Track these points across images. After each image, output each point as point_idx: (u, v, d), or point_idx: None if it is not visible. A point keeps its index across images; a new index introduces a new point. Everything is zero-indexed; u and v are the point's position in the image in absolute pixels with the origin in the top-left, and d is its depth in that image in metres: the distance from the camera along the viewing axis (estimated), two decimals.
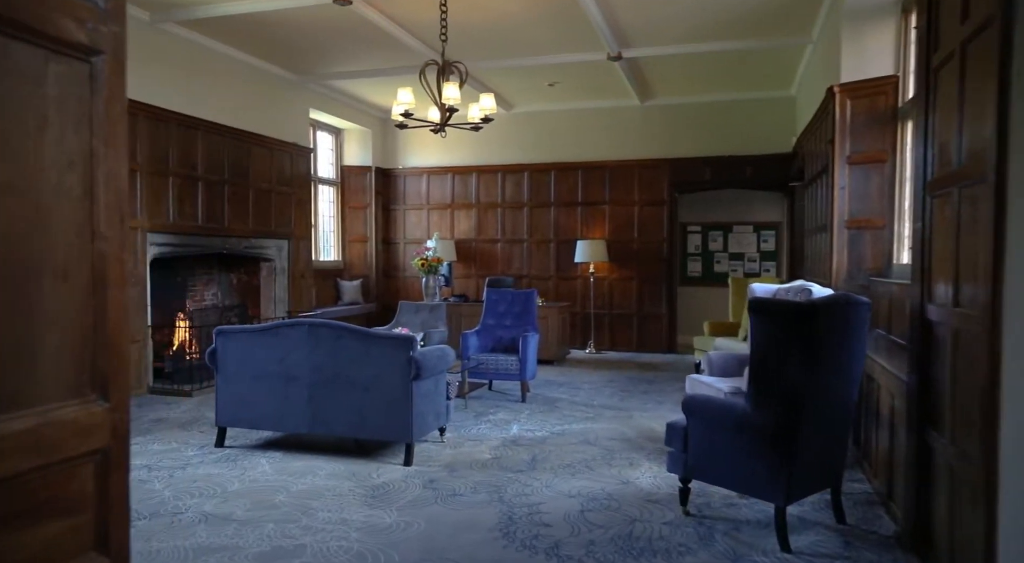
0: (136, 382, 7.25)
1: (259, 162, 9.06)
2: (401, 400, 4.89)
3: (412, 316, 8.20)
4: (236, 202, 8.67)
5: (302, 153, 9.95)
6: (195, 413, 6.48)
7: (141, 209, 7.29)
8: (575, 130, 11.34)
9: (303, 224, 9.99)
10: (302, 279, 9.97)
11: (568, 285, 11.37)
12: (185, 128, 7.85)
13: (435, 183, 12.02)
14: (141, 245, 7.29)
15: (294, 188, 9.76)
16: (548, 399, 7.27)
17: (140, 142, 7.26)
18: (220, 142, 8.37)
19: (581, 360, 10.17)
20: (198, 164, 8.05)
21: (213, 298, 9.61)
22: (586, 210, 11.29)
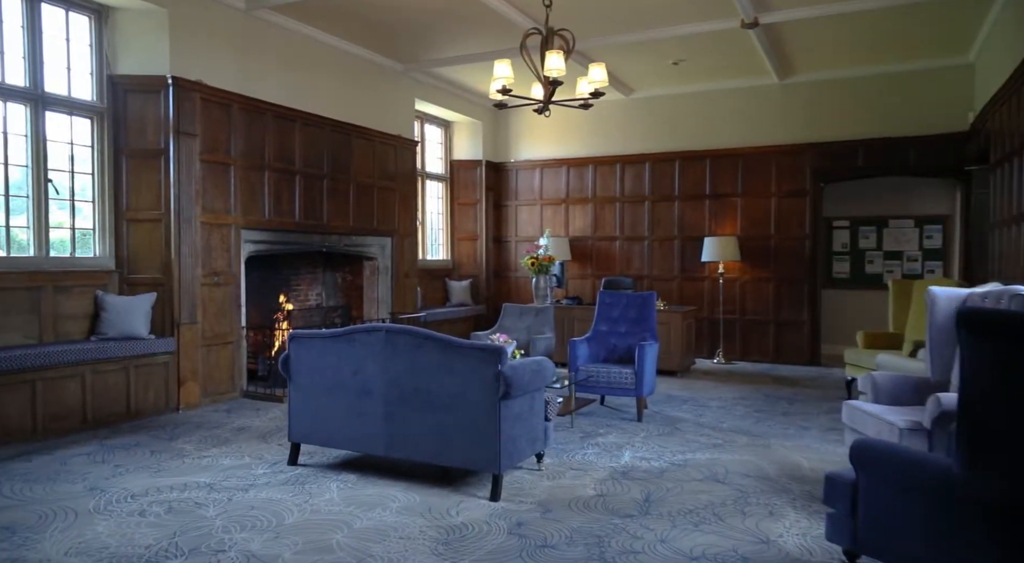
0: (229, 385, 6.94)
1: (361, 156, 8.63)
2: (487, 423, 4.12)
3: (516, 320, 7.45)
4: (336, 198, 8.26)
5: (407, 146, 9.46)
6: (281, 422, 6.02)
7: (235, 205, 6.98)
8: (703, 115, 10.18)
9: (408, 221, 9.50)
10: (406, 279, 9.47)
11: (694, 287, 10.23)
12: (282, 120, 7.50)
13: (549, 177, 11.24)
14: (235, 242, 6.97)
15: (398, 183, 9.28)
16: (668, 419, 6.28)
17: (235, 135, 6.95)
18: (319, 135, 7.99)
19: (708, 372, 9.03)
20: (296, 158, 7.69)
21: (317, 298, 9.30)
22: (715, 203, 10.11)
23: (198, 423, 6.00)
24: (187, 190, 6.46)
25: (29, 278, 5.71)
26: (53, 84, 5.99)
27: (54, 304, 5.87)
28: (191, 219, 6.51)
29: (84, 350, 5.65)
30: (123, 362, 5.96)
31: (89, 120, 6.25)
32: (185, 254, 6.45)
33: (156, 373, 6.26)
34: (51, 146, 5.98)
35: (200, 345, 6.62)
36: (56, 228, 6.06)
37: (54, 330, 5.89)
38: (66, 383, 5.57)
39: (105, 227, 6.34)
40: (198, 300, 6.59)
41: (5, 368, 5.15)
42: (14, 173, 5.76)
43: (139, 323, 6.15)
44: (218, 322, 6.82)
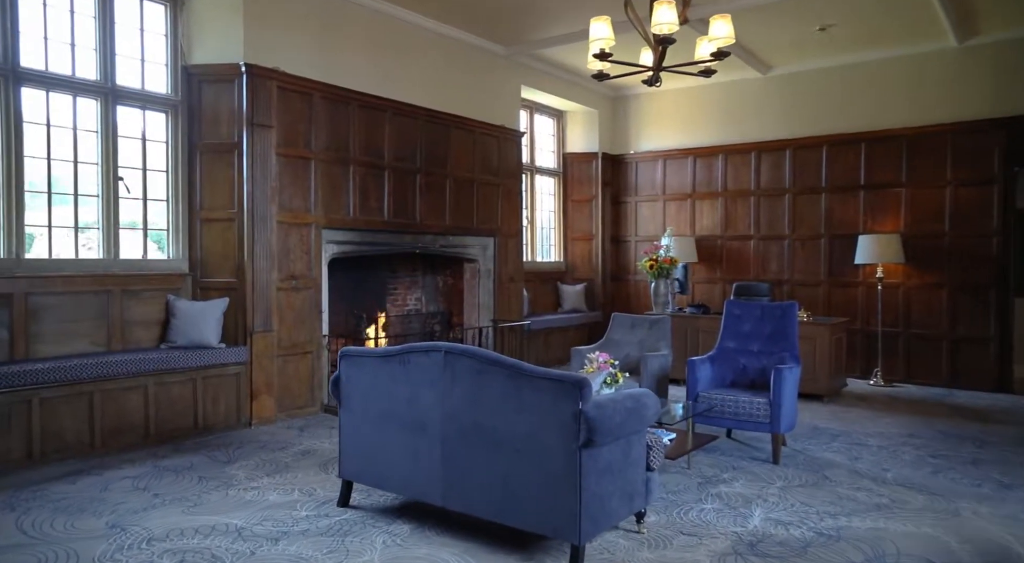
0: (307, 398, 6.38)
1: (459, 148, 7.89)
2: (564, 476, 3.16)
3: (626, 333, 6.39)
4: (431, 194, 7.56)
5: (511, 137, 8.62)
6: None
7: (316, 203, 6.41)
8: (856, 91, 8.62)
9: (513, 219, 8.66)
10: (511, 283, 8.64)
11: (845, 294, 8.69)
12: (370, 109, 6.87)
13: (673, 169, 10.03)
14: (315, 243, 6.41)
15: (502, 178, 8.46)
16: (813, 462, 5.02)
17: (316, 126, 6.38)
18: (411, 125, 7.31)
19: (863, 397, 7.52)
20: (385, 151, 7.04)
21: (416, 303, 8.68)
22: (872, 195, 8.53)
23: (264, 442, 5.44)
24: (262, 187, 5.95)
25: (98, 281, 5.37)
26: (125, 77, 5.65)
27: (123, 309, 5.52)
28: (266, 218, 5.99)
29: (146, 360, 5.23)
30: (190, 373, 5.51)
31: (163, 114, 5.87)
32: (259, 256, 5.94)
33: (226, 385, 5.78)
34: (122, 142, 5.64)
35: (276, 355, 6.09)
36: (127, 229, 5.71)
37: (123, 337, 5.53)
38: (127, 395, 5.17)
39: (178, 227, 5.95)
40: (273, 306, 6.07)
41: (60, 379, 4.78)
42: (84, 171, 5.44)
43: (209, 331, 5.69)
44: (296, 330, 6.27)
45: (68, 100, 5.32)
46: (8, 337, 4.95)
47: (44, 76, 5.17)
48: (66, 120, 5.33)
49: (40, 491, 4.25)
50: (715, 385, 5.49)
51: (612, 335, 6.42)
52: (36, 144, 5.18)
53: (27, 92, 5.10)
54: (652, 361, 5.73)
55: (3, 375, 4.54)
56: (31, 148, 5.15)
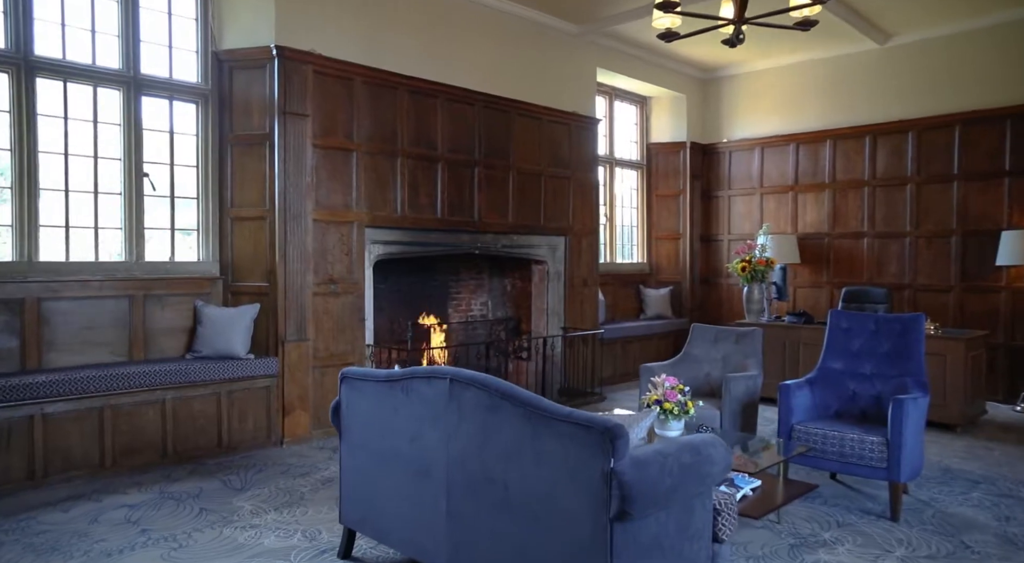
0: None
1: (524, 138, 7.12)
2: (590, 550, 2.34)
3: (709, 348, 5.42)
4: (491, 189, 6.84)
5: (585, 125, 7.77)
6: None
7: (358, 199, 5.82)
8: (1001, 58, 7.22)
9: (586, 216, 7.81)
10: (584, 287, 7.79)
11: (983, 302, 7.31)
12: (420, 95, 6.22)
13: (772, 158, 8.87)
14: (357, 243, 5.82)
15: (574, 170, 7.63)
16: (946, 520, 3.93)
17: (358, 114, 5.79)
18: (468, 113, 6.61)
19: (1008, 427, 6.20)
20: (438, 141, 6.38)
21: (481, 309, 7.99)
22: (1019, 183, 7.11)
23: (289, 465, 4.87)
24: (296, 181, 5.40)
25: (118, 286, 4.98)
26: (151, 65, 5.24)
27: (146, 316, 5.11)
28: (301, 216, 5.44)
29: (162, 371, 4.78)
30: (213, 386, 5.03)
31: (193, 104, 5.44)
32: (292, 258, 5.40)
33: (255, 400, 5.27)
34: (148, 135, 5.23)
35: (311, 367, 5.53)
36: (152, 229, 5.30)
37: (146, 347, 5.12)
38: (142, 410, 4.73)
39: (208, 227, 5.50)
40: (308, 313, 5.51)
41: (66, 392, 4.38)
42: (105, 168, 5.06)
43: (236, 340, 5.19)
44: (335, 339, 5.70)
45: (88, 91, 4.95)
46: (19, 346, 4.60)
47: (61, 65, 4.81)
48: (86, 112, 4.96)
49: (27, 519, 3.82)
50: (815, 416, 4.46)
51: (691, 349, 5.47)
52: (53, 139, 4.83)
53: (42, 83, 4.75)
54: (736, 384, 4.76)
55: (3, 388, 4.17)
56: (47, 143, 4.80)
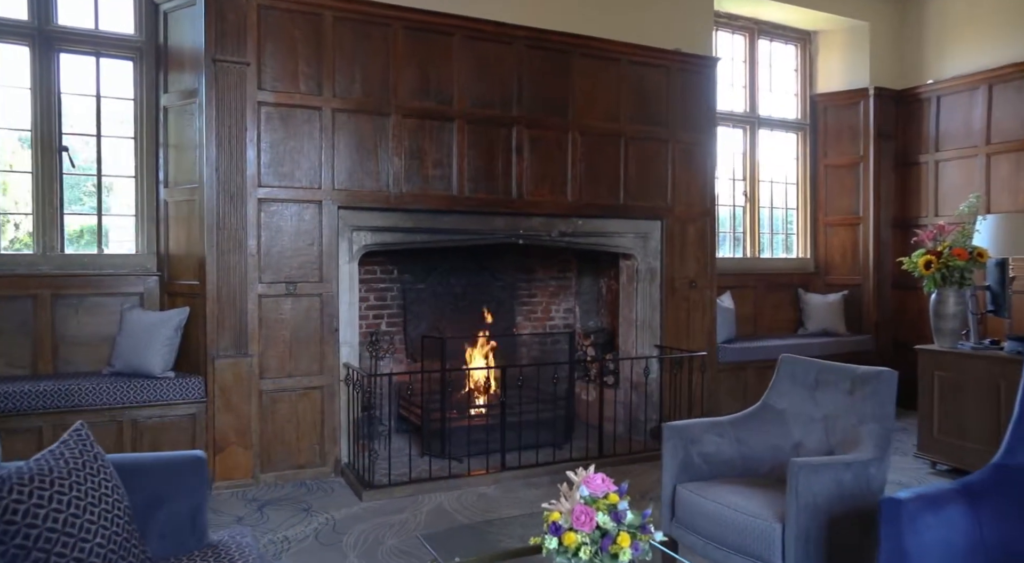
0: (312, 455, 4.40)
1: (592, 86, 5.23)
2: None
3: (804, 397, 3.16)
4: (539, 155, 5.06)
5: (694, 68, 5.63)
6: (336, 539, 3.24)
7: (329, 171, 4.42)
8: None
9: (694, 193, 5.67)
10: (691, 290, 5.66)
11: None
12: (426, 33, 4.66)
13: (1004, 100, 5.94)
14: (328, 229, 4.41)
15: (674, 130, 5.54)
16: None
17: (329, 60, 4.38)
18: (503, 55, 4.91)
19: None
20: (453, 93, 4.76)
21: (565, 316, 6.23)
22: None
23: None
24: (231, 149, 4.13)
25: (18, 284, 4.10)
26: (70, 14, 4.30)
27: (55, 321, 4.18)
28: (240, 194, 4.17)
29: (34, 392, 3.76)
30: (110, 413, 3.93)
31: (128, 61, 4.42)
32: (228, 248, 4.15)
33: (173, 431, 4.09)
34: (67, 101, 4.29)
35: (255, 391, 4.24)
36: (75, 214, 4.37)
37: (55, 358, 4.19)
38: (10, 441, 3.75)
39: (142, 211, 4.45)
40: (252, 320, 4.22)
41: None
42: (9, 139, 4.20)
43: (153, 353, 4.06)
44: (292, 356, 4.35)
45: None
46: None
47: None
48: None
49: None
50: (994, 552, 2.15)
51: (774, 398, 3.25)
52: None
53: None
54: (814, 477, 2.53)
55: None
56: None
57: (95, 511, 1.86)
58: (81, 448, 1.99)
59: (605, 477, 1.94)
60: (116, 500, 1.95)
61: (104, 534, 1.85)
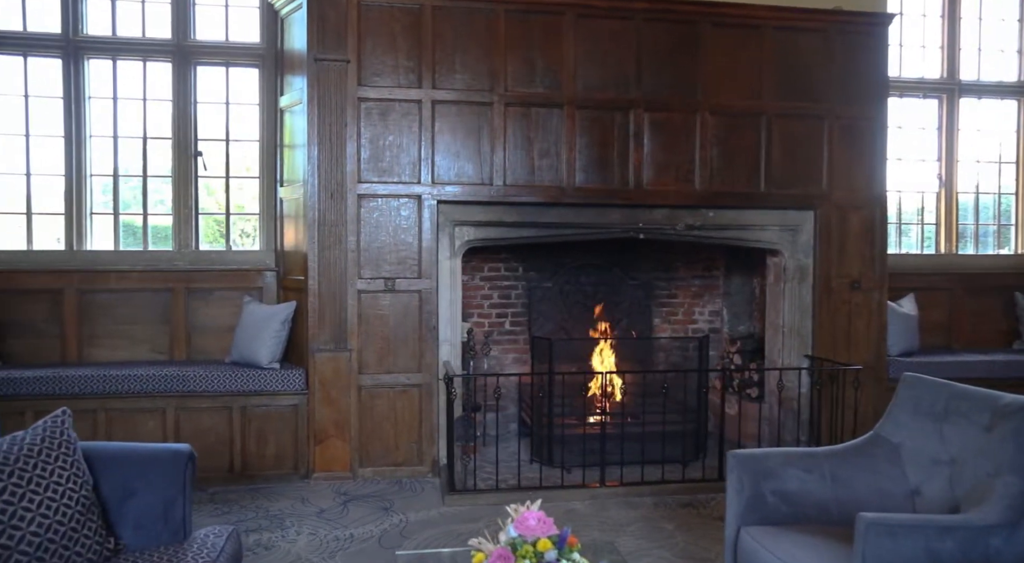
0: (411, 453, 4.33)
1: (727, 59, 4.61)
2: None
3: (928, 430, 2.43)
4: (660, 141, 4.56)
5: (860, 29, 4.76)
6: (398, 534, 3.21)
7: (429, 165, 4.33)
8: None
9: (859, 177, 4.79)
10: (854, 292, 4.80)
11: None
12: (531, 14, 4.40)
13: None
14: (430, 225, 4.32)
15: (833, 104, 4.72)
16: None
17: (429, 51, 4.29)
18: (619, 32, 4.49)
19: None
20: (561, 76, 4.44)
21: (711, 320, 5.66)
22: None
23: (318, 513, 3.71)
24: (332, 146, 4.19)
25: (157, 278, 4.52)
26: (205, 28, 4.65)
27: (188, 312, 4.56)
28: (340, 191, 4.22)
29: (160, 377, 4.10)
30: (222, 399, 4.16)
31: (253, 69, 4.69)
32: (328, 244, 4.22)
33: (277, 421, 4.24)
34: (202, 109, 4.65)
35: (353, 386, 4.27)
36: (208, 214, 4.72)
37: (188, 346, 4.57)
38: (139, 418, 4.11)
39: (265, 210, 4.68)
40: (352, 316, 4.26)
41: (55, 392, 4.01)
42: (155, 148, 4.64)
43: (261, 345, 4.25)
44: (390, 353, 4.32)
45: (138, 66, 4.59)
46: (59, 336, 4.44)
47: (110, 42, 4.53)
48: (135, 90, 4.60)
49: None
50: None
51: (889, 429, 2.53)
52: (103, 121, 4.58)
53: (93, 64, 4.53)
54: (893, 545, 1.86)
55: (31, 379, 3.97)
56: (97, 126, 4.56)
57: (35, 499, 1.86)
58: (50, 434, 2.03)
59: (544, 517, 1.57)
60: (70, 489, 1.96)
61: (42, 523, 1.85)
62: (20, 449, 1.92)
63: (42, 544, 1.83)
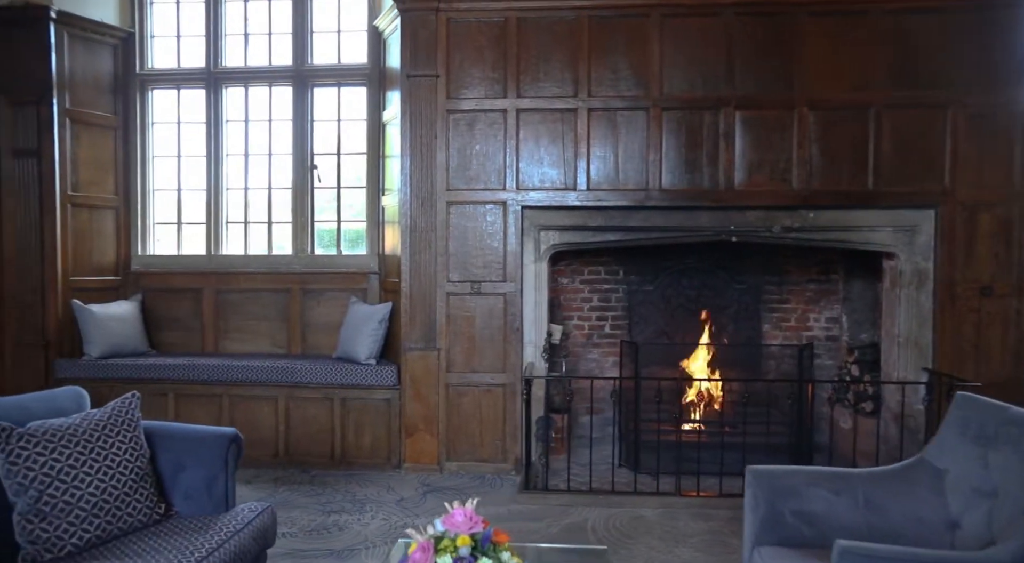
0: (495, 450, 4.49)
1: (829, 51, 4.32)
2: None
3: (973, 455, 2.18)
4: (753, 138, 4.37)
5: (991, 4, 4.25)
6: None
7: (513, 171, 4.47)
8: None
9: (990, 171, 4.28)
10: (985, 299, 4.30)
11: None
12: (616, 19, 4.40)
13: None
14: (515, 229, 4.47)
15: (958, 91, 4.27)
16: None
17: (513, 61, 4.43)
18: (708, 30, 4.37)
19: None
20: (648, 78, 4.40)
21: (828, 327, 5.34)
22: None
23: (398, 500, 4.04)
24: (422, 156, 4.46)
25: (276, 279, 5.07)
26: (320, 53, 5.11)
27: (304, 311, 5.03)
28: (430, 198, 4.47)
29: (272, 368, 4.58)
30: (325, 390, 4.57)
31: (361, 87, 5.08)
32: (419, 249, 4.49)
33: (372, 413, 4.57)
34: (317, 126, 5.12)
35: (442, 383, 4.51)
36: (322, 222, 5.17)
37: (303, 341, 5.05)
38: (256, 405, 4.62)
39: (371, 218, 5.06)
40: (440, 316, 4.50)
41: (188, 378, 4.61)
42: (278, 163, 5.16)
43: (361, 342, 4.62)
44: (476, 353, 4.50)
45: (264, 91, 5.14)
46: (199, 330, 5.10)
47: (243, 71, 5.13)
48: (262, 112, 5.15)
49: None
50: None
51: (935, 454, 2.28)
52: (235, 140, 5.18)
53: (229, 91, 5.14)
54: None
55: (139, 367, 4.65)
56: (231, 145, 5.18)
57: (95, 466, 2.23)
58: (118, 413, 2.40)
59: (473, 515, 1.65)
60: (126, 460, 2.31)
61: (100, 485, 2.21)
62: (90, 424, 2.30)
63: (98, 503, 2.19)
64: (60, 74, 4.73)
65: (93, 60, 4.94)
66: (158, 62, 5.20)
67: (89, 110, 4.92)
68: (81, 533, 2.14)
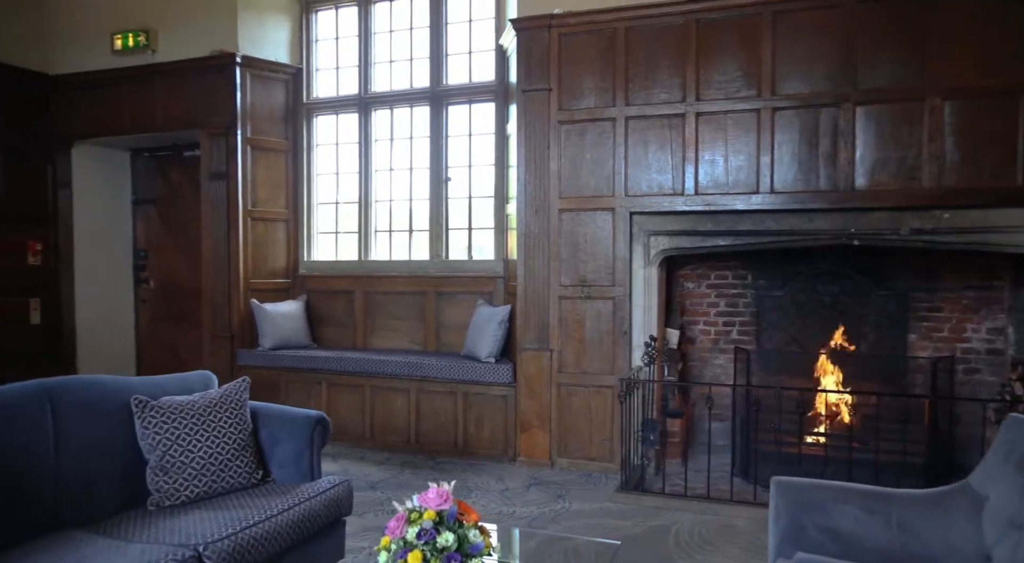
0: (603, 450, 4.63)
1: (958, 29, 3.93)
2: None
3: (1014, 487, 1.98)
4: (875, 134, 4.10)
5: None
6: None
7: (622, 179, 4.58)
8: None
9: None
10: None
11: None
12: (726, 19, 4.34)
13: None
14: (623, 236, 4.58)
15: None
16: None
17: (621, 71, 4.54)
18: (825, 23, 4.17)
19: None
20: (759, 78, 4.29)
21: (991, 338, 4.88)
22: None
23: (476, 489, 4.41)
24: (536, 166, 4.71)
25: (414, 283, 5.57)
26: (453, 74, 5.55)
27: (438, 311, 5.50)
28: (544, 205, 4.72)
29: (404, 363, 5.08)
30: (450, 385, 4.98)
31: (490, 103, 5.43)
32: (534, 254, 4.75)
33: (491, 408, 4.90)
34: (451, 141, 5.56)
35: (554, 382, 4.72)
36: (455, 230, 5.59)
37: (437, 340, 5.52)
38: (391, 396, 5.16)
39: (497, 225, 5.39)
40: (552, 318, 4.72)
41: (337, 368, 5.26)
42: (417, 177, 5.67)
43: (482, 341, 4.98)
44: (586, 354, 4.67)
45: (406, 112, 5.68)
46: (352, 327, 5.76)
47: (388, 95, 5.71)
48: (404, 131, 5.70)
49: None
50: None
51: (979, 480, 2.07)
52: (381, 157, 5.78)
53: (376, 113, 5.76)
54: None
55: (300, 357, 5.38)
56: (377, 162, 5.79)
57: (205, 435, 2.75)
58: (230, 394, 2.92)
59: (445, 494, 1.88)
60: (231, 432, 2.82)
61: (208, 451, 2.73)
62: (205, 402, 2.83)
63: (206, 465, 2.71)
64: (243, 108, 5.61)
65: (269, 94, 5.79)
66: (321, 92, 5.95)
67: (266, 137, 5.77)
68: (192, 487, 2.66)
